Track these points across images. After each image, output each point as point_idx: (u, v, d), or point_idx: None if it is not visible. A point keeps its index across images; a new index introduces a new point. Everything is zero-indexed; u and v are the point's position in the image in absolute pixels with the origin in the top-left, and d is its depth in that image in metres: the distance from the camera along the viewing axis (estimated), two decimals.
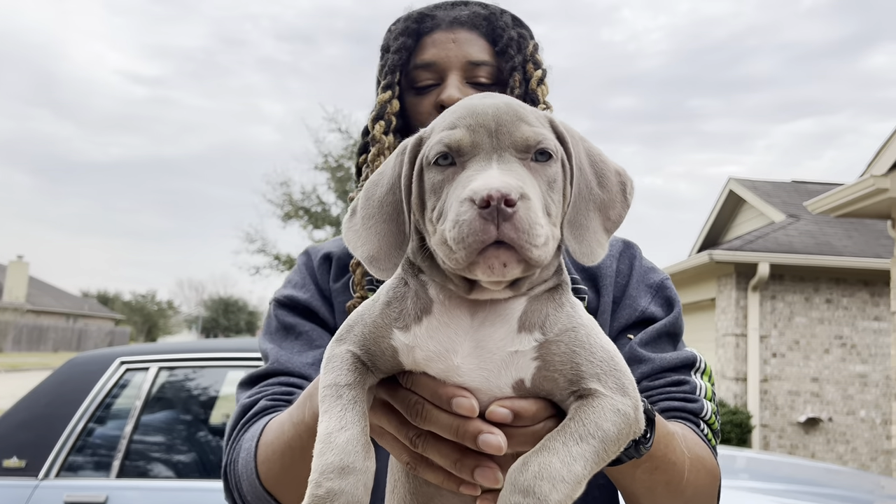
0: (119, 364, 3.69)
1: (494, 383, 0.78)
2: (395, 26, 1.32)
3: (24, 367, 30.70)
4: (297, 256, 1.41)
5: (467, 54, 1.25)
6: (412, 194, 0.80)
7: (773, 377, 10.50)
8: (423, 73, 1.26)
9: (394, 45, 1.28)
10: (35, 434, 3.46)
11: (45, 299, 54.38)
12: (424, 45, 1.27)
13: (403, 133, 1.30)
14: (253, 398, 1.21)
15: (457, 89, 1.23)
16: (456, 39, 1.26)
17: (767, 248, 10.48)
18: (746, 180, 14.02)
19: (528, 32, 1.34)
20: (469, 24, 1.28)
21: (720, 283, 11.09)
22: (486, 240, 0.70)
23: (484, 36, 1.28)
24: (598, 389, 0.77)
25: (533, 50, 1.31)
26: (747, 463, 5.12)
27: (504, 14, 1.32)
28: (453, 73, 1.25)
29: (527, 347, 0.78)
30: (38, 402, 3.58)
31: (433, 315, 0.80)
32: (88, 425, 3.51)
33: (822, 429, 10.48)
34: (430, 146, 0.79)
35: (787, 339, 10.57)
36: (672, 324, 1.22)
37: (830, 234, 11.30)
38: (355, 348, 0.82)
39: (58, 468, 3.36)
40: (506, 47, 1.27)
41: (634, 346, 1.18)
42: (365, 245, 0.81)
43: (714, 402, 1.17)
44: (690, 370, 1.18)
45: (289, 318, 1.29)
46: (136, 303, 74.40)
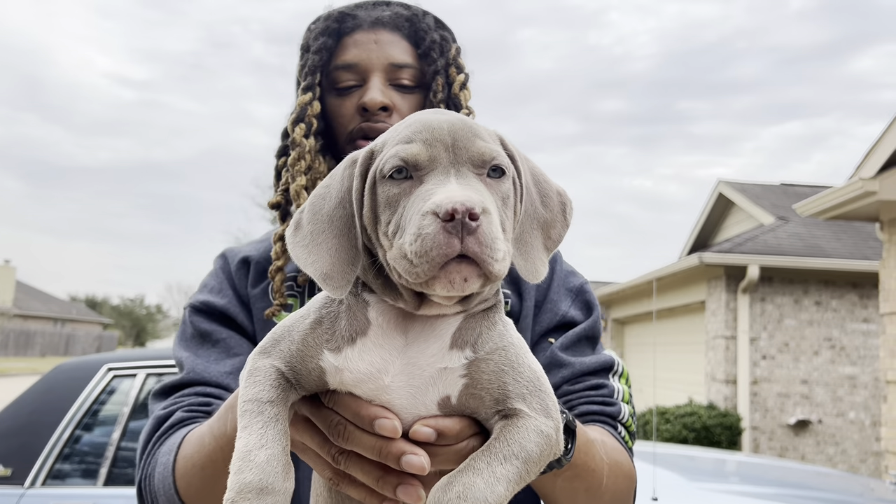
0: (106, 371, 3.66)
1: (420, 400, 0.77)
2: (314, 25, 1.29)
3: (12, 373, 30.43)
4: (214, 259, 1.36)
5: (389, 56, 1.24)
6: (364, 208, 0.78)
7: (762, 379, 10.54)
8: (345, 74, 1.24)
9: (314, 45, 1.25)
10: (21, 442, 3.41)
11: (33, 304, 53.97)
12: (345, 46, 1.25)
13: (325, 135, 1.28)
14: (168, 409, 1.16)
15: (379, 91, 1.21)
16: (378, 40, 1.24)
17: (757, 251, 10.52)
18: (736, 183, 14.09)
19: (451, 35, 1.33)
20: (391, 25, 1.26)
21: (710, 286, 11.13)
22: (450, 253, 0.69)
23: (406, 38, 1.27)
24: (522, 410, 0.77)
25: (455, 53, 1.30)
26: (737, 467, 5.13)
27: (427, 16, 1.30)
28: (375, 75, 1.23)
29: (456, 364, 0.77)
30: (24, 410, 3.54)
31: (368, 337, 0.79)
32: (75, 433, 3.47)
33: (811, 431, 10.52)
34: (384, 159, 0.77)
35: (777, 341, 10.61)
36: (591, 327, 1.24)
37: (819, 237, 11.36)
38: (280, 364, 0.80)
39: (44, 476, 3.32)
40: (428, 50, 1.26)
41: (555, 350, 1.20)
42: (317, 262, 0.79)
43: (631, 405, 1.20)
44: (608, 373, 1.21)
45: (205, 324, 1.24)
46: (124, 307, 73.99)
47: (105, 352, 43.73)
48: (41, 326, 51.87)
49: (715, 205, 14.47)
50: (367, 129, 1.21)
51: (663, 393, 13.21)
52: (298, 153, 1.22)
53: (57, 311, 56.62)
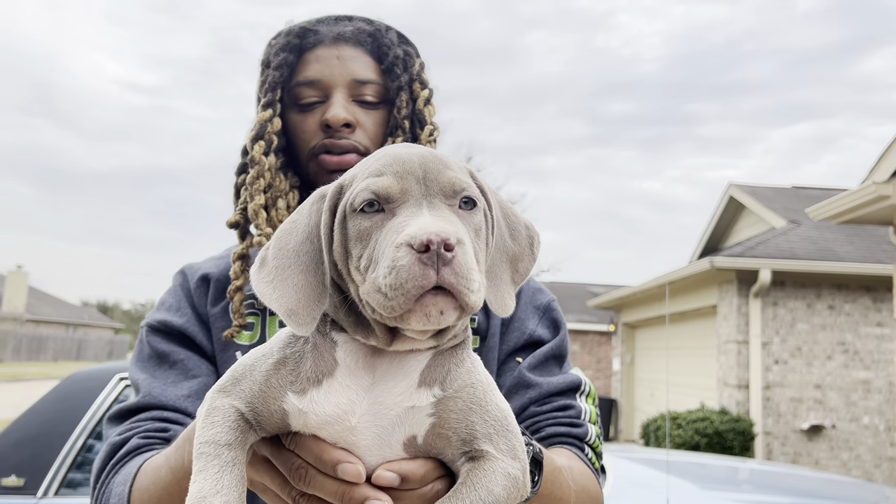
0: (118, 380, 3.67)
1: (386, 441, 0.75)
2: (275, 41, 1.27)
3: (25, 377, 30.63)
4: (173, 276, 1.32)
5: (352, 72, 1.22)
6: (334, 242, 0.76)
7: (775, 384, 10.46)
8: (307, 91, 1.22)
9: (274, 61, 1.23)
10: (33, 452, 3.43)
11: (45, 309, 54.34)
12: (307, 62, 1.23)
13: (286, 152, 1.26)
14: (124, 436, 1.11)
15: (342, 108, 1.19)
16: (340, 56, 1.23)
17: (769, 255, 10.46)
18: (747, 186, 14.02)
19: (415, 50, 1.31)
20: (354, 40, 1.24)
21: (721, 290, 11.07)
22: (426, 285, 0.67)
23: (369, 53, 1.25)
24: (489, 451, 0.76)
25: (419, 69, 1.28)
26: (750, 475, 5.09)
27: (389, 31, 1.28)
28: (338, 91, 1.21)
29: (424, 403, 0.76)
30: (36, 420, 3.55)
31: (335, 378, 0.77)
32: (87, 442, 3.48)
33: (825, 436, 10.43)
34: (354, 193, 0.76)
35: (790, 345, 10.53)
36: (558, 346, 1.23)
37: (832, 240, 11.28)
38: (240, 404, 0.78)
39: (57, 485, 3.33)
40: (392, 66, 1.24)
41: (522, 370, 1.19)
42: (282, 298, 0.76)
43: (597, 425, 1.20)
44: (576, 393, 1.20)
45: (162, 344, 1.20)
46: (135, 312, 74.47)
47: (117, 356, 43.70)
48: (53, 331, 52.21)
49: (726, 208, 14.40)
50: (330, 145, 1.20)
51: (675, 398, 13.14)
52: (257, 171, 1.19)
53: (69, 316, 56.99)
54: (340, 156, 1.19)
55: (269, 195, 1.20)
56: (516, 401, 1.17)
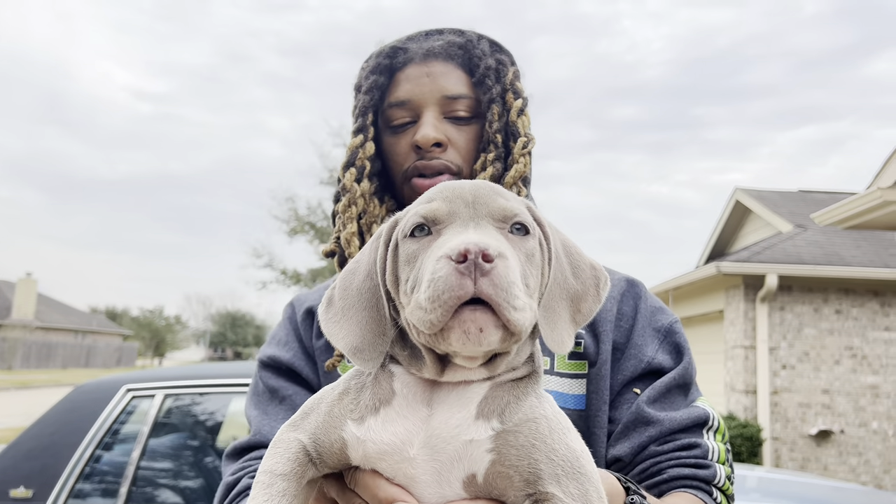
0: (125, 391, 3.69)
1: (445, 477, 0.73)
2: (367, 63, 1.24)
3: (34, 384, 30.76)
4: (283, 308, 1.33)
5: (443, 88, 1.17)
6: (387, 272, 0.76)
7: (783, 389, 10.42)
8: (398, 112, 1.18)
9: (365, 85, 1.20)
10: (42, 463, 3.45)
11: (54, 316, 54.58)
12: (398, 82, 1.19)
13: (382, 176, 1.22)
14: (236, 475, 1.12)
15: (432, 127, 1.15)
16: (430, 73, 1.18)
17: (775, 260, 10.42)
18: (753, 190, 13.98)
19: (509, 58, 1.25)
20: (444, 54, 1.20)
21: (728, 295, 11.04)
22: (463, 295, 0.65)
23: (461, 66, 1.20)
24: (556, 495, 0.70)
25: (513, 77, 1.22)
26: (758, 483, 5.07)
27: (481, 40, 1.23)
28: (429, 110, 1.17)
29: (482, 436, 0.72)
30: (45, 431, 3.58)
31: (392, 407, 0.76)
32: (95, 453, 3.50)
33: (833, 441, 10.38)
34: (406, 221, 0.76)
35: (797, 350, 10.49)
36: (682, 375, 1.12)
37: (839, 245, 11.24)
38: (304, 437, 0.78)
39: (65, 497, 3.35)
40: (483, 77, 1.19)
41: (641, 404, 1.08)
42: (347, 336, 0.77)
43: (728, 464, 1.09)
44: (702, 429, 1.09)
45: (272, 380, 1.20)
46: (143, 318, 74.60)
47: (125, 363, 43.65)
48: (62, 338, 52.43)
49: (732, 212, 14.36)
50: (422, 167, 1.16)
51: None
52: (349, 199, 1.17)
53: (77, 323, 57.22)
54: (433, 178, 1.15)
55: (363, 221, 1.17)
56: (634, 439, 1.07)
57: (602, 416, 1.09)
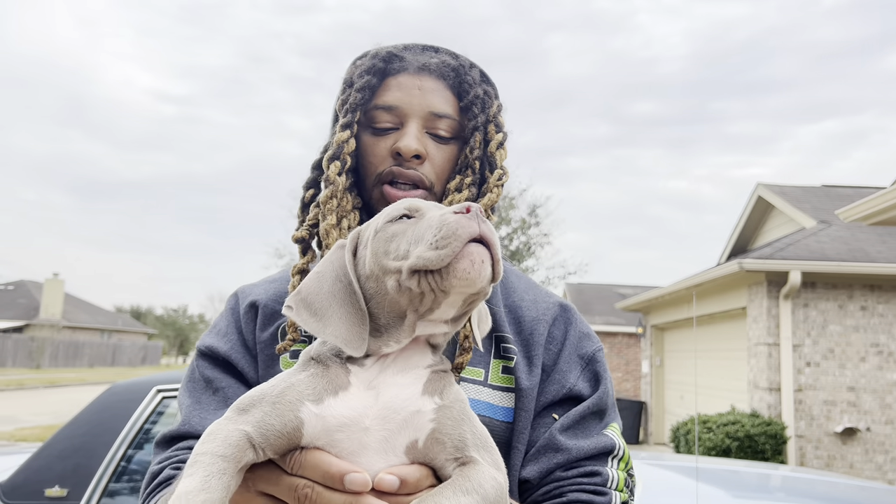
0: (156, 392, 3.77)
1: (391, 444, 0.83)
2: (360, 61, 1.25)
3: (62, 383, 31.26)
4: (227, 298, 1.31)
5: (431, 104, 1.20)
6: (367, 257, 0.87)
7: (807, 387, 10.33)
8: (384, 115, 1.21)
9: (358, 83, 1.22)
10: (76, 463, 3.53)
11: (81, 315, 55.41)
12: (388, 87, 1.22)
13: (354, 172, 1.24)
14: (161, 465, 1.12)
15: (414, 138, 1.18)
16: (422, 87, 1.21)
17: (799, 256, 10.33)
18: (775, 186, 13.85)
19: (494, 91, 1.29)
20: (437, 72, 1.22)
21: (751, 292, 10.96)
22: (472, 232, 0.79)
23: (450, 88, 1.23)
24: (477, 458, 0.83)
25: (496, 111, 1.26)
26: (783, 482, 5.05)
27: (473, 68, 1.27)
28: (414, 121, 1.19)
29: (428, 408, 0.84)
30: (78, 431, 3.66)
31: (349, 390, 0.85)
32: (128, 453, 3.58)
33: (859, 439, 10.27)
34: (385, 214, 0.89)
35: (822, 347, 10.39)
36: (596, 403, 1.17)
37: (864, 240, 11.11)
38: (248, 427, 0.82)
39: (98, 496, 3.43)
40: (471, 104, 1.22)
41: (554, 431, 1.13)
42: (336, 330, 0.86)
43: (627, 491, 1.15)
44: (607, 458, 1.14)
45: (208, 370, 1.19)
46: (167, 317, 75.47)
47: (150, 361, 43.92)
48: (89, 337, 53.21)
49: (754, 208, 14.24)
50: (398, 173, 1.19)
51: (704, 401, 13.02)
52: (331, 191, 1.17)
53: (103, 323, 58.04)
54: (405, 189, 1.19)
55: (336, 213, 1.19)
56: (543, 463, 1.12)
57: (525, 434, 1.14)
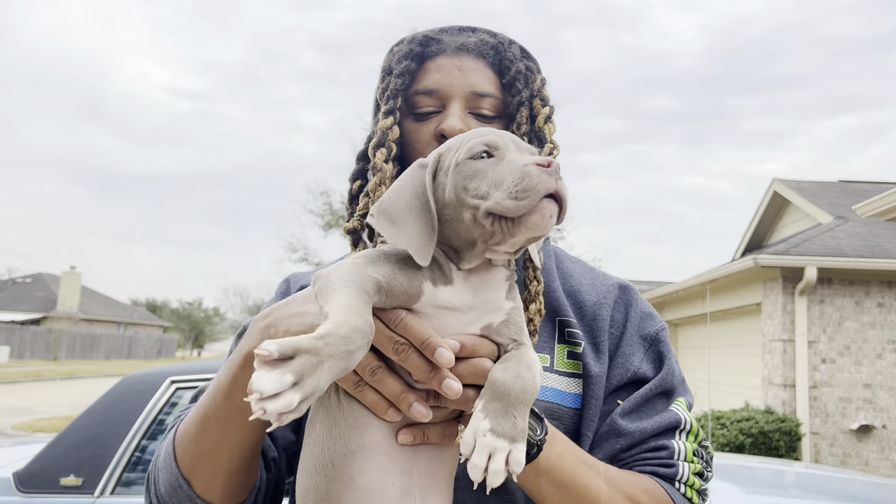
0: (169, 383, 3.80)
1: (474, 325, 0.94)
2: (398, 48, 1.25)
3: (79, 374, 31.64)
4: (278, 284, 1.34)
5: (472, 84, 1.19)
6: (447, 188, 0.91)
7: (823, 383, 10.25)
8: (425, 99, 1.20)
9: (397, 69, 1.21)
10: (90, 452, 3.57)
11: (97, 308, 55.97)
12: (428, 70, 1.20)
13: (400, 160, 1.23)
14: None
15: (458, 119, 1.17)
16: (461, 67, 1.20)
17: (815, 252, 10.23)
18: (791, 181, 13.72)
19: (536, 66, 1.26)
20: (476, 51, 1.21)
21: (766, 288, 10.88)
22: (550, 188, 0.84)
23: (490, 66, 1.21)
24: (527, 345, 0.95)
25: (540, 85, 1.24)
26: (797, 478, 5.02)
27: (512, 45, 1.25)
28: (456, 102, 1.18)
29: (507, 307, 0.94)
30: (94, 422, 3.70)
31: (455, 284, 0.94)
32: (142, 443, 3.61)
33: (875, 436, 10.18)
34: (464, 148, 0.91)
35: (837, 344, 10.30)
36: (660, 384, 1.16)
37: (881, 236, 10.98)
38: (380, 276, 0.89)
39: (113, 485, 3.47)
40: (513, 80, 1.20)
41: (616, 417, 1.13)
42: (408, 238, 0.92)
43: (698, 461, 1.13)
44: (673, 432, 1.13)
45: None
46: (183, 310, 75.95)
47: (165, 353, 44.38)
48: (105, 330, 53.73)
49: (770, 203, 14.12)
50: None
51: (719, 397, 12.94)
52: (380, 179, 1.16)
53: (120, 315, 58.59)
54: None
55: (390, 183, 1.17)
56: (606, 450, 1.13)
57: (595, 421, 1.15)
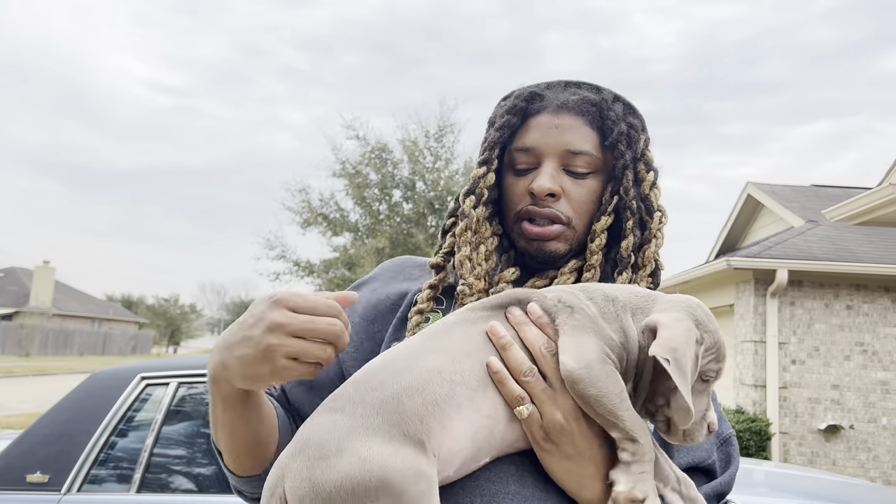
0: (140, 379, 3.78)
1: None
2: (504, 102, 1.28)
3: (51, 371, 31.17)
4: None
5: (567, 142, 1.19)
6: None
7: (792, 384, 10.42)
8: (522, 156, 1.22)
9: (498, 122, 1.24)
10: (58, 449, 3.54)
11: (71, 304, 55.18)
12: (528, 128, 1.23)
13: (497, 204, 1.27)
14: None
15: (549, 177, 1.18)
16: (559, 125, 1.20)
17: (786, 255, 10.39)
18: (765, 185, 13.92)
19: (641, 123, 1.26)
20: (576, 109, 1.22)
21: (738, 290, 11.03)
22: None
23: (590, 124, 1.21)
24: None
25: (644, 146, 1.24)
26: (766, 477, 5.09)
27: (616, 102, 1.25)
28: (549, 160, 1.20)
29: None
30: (61, 418, 3.66)
31: None
32: (110, 439, 3.59)
33: (843, 436, 10.37)
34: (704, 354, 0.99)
35: (807, 345, 10.48)
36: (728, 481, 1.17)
37: (850, 240, 11.18)
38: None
39: (80, 481, 3.44)
40: (615, 142, 1.21)
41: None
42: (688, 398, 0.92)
43: None
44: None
45: None
46: (159, 306, 75.13)
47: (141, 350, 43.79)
48: (79, 326, 53.01)
49: (744, 206, 14.31)
50: (534, 212, 1.20)
51: None
52: (466, 224, 1.21)
53: (94, 311, 57.83)
54: (542, 227, 1.20)
55: (474, 240, 1.23)
56: None
57: None
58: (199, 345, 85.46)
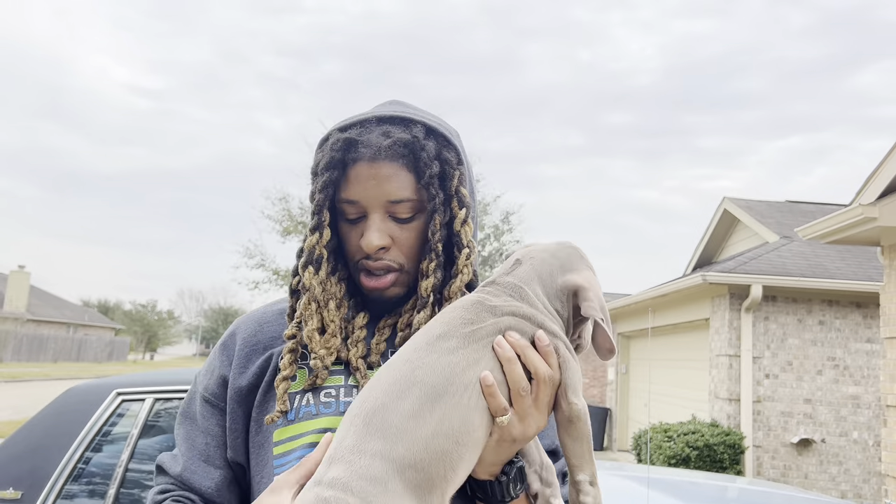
0: (115, 395, 3.77)
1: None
2: (321, 152, 1.26)
3: (25, 378, 30.66)
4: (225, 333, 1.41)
5: (387, 193, 1.20)
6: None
7: (766, 398, 10.56)
8: (350, 208, 1.23)
9: (320, 181, 1.23)
10: (31, 465, 3.51)
11: (46, 309, 54.38)
12: (349, 180, 1.23)
13: (337, 247, 1.27)
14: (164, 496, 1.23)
15: (376, 233, 1.20)
16: (377, 175, 1.21)
17: (761, 270, 10.56)
18: (741, 200, 14.13)
19: (455, 156, 1.27)
20: (391, 155, 1.21)
21: (714, 304, 11.18)
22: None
23: (406, 167, 1.22)
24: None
25: (458, 183, 1.25)
26: (739, 493, 5.16)
27: (428, 138, 1.25)
28: (374, 213, 1.22)
29: None
30: (35, 433, 3.64)
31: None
32: (85, 455, 3.57)
33: (814, 450, 10.53)
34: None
35: (781, 360, 10.63)
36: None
37: (823, 256, 11.39)
38: None
39: (53, 498, 3.42)
40: (427, 185, 1.22)
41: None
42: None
43: None
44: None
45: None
46: (136, 312, 74.33)
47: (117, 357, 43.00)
48: (54, 331, 52.25)
49: (720, 221, 14.51)
50: (370, 266, 1.23)
51: (667, 409, 13.22)
52: (308, 298, 1.21)
53: (70, 317, 57.03)
54: (378, 278, 1.23)
55: (321, 297, 1.22)
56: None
57: None
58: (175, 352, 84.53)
